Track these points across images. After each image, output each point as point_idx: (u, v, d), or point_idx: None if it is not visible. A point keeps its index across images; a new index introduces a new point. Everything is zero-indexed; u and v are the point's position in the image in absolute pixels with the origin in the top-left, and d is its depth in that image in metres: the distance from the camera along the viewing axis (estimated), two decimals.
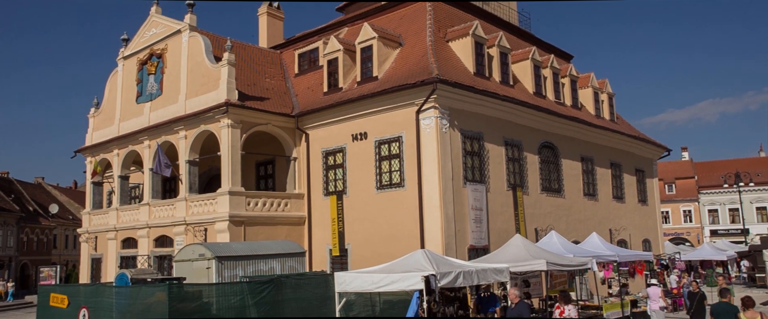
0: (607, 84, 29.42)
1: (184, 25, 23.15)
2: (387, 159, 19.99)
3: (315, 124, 22.20)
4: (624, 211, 28.30)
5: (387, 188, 19.90)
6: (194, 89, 22.41)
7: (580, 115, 25.89)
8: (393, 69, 21.06)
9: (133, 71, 25.60)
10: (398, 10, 24.25)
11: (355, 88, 21.52)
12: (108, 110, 27.10)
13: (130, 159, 25.99)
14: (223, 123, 20.91)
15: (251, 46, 26.56)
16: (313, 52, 25.46)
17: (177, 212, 22.28)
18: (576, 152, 25.33)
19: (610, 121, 28.80)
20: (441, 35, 21.93)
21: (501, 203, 20.74)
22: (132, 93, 25.56)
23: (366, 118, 20.60)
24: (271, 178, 24.22)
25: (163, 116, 23.34)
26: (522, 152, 22.16)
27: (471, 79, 20.41)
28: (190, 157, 22.30)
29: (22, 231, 53.44)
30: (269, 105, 22.34)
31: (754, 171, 59.48)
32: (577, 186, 25.08)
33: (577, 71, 27.67)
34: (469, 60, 21.24)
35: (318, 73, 24.17)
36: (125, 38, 26.31)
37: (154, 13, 24.89)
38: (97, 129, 27.53)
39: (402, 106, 19.53)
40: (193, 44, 22.84)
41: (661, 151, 32.30)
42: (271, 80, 24.86)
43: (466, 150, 19.69)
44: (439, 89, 18.40)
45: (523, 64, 24.01)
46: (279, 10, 30.18)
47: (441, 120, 18.79)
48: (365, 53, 21.69)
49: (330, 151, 21.81)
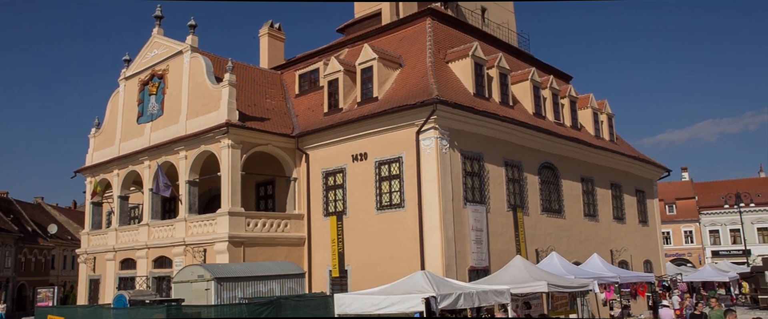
0: (607, 104, 29.52)
1: (185, 46, 23.30)
2: (387, 180, 19.98)
3: (315, 145, 22.22)
4: (625, 232, 28.22)
5: (387, 208, 19.85)
6: (195, 110, 22.47)
7: (579, 135, 25.94)
8: (393, 90, 21.14)
9: (135, 92, 25.69)
10: (398, 32, 24.42)
11: (355, 109, 21.59)
12: (109, 130, 27.14)
13: (130, 179, 25.96)
14: (224, 143, 20.94)
15: (252, 67, 26.69)
16: (313, 73, 25.59)
17: (176, 233, 22.20)
18: (576, 173, 25.32)
19: (610, 141, 28.84)
20: (441, 56, 22.06)
21: (501, 224, 20.68)
22: (133, 113, 25.63)
23: (366, 139, 20.63)
24: (271, 198, 24.18)
25: (164, 137, 23.37)
26: (522, 173, 22.16)
27: (471, 99, 20.49)
28: (190, 177, 22.28)
29: (20, 251, 53.19)
30: (270, 125, 22.39)
31: (755, 191, 59.43)
32: (577, 207, 25.04)
33: (577, 92, 27.79)
34: (469, 81, 21.33)
35: (318, 93, 24.26)
36: (127, 59, 26.45)
37: (155, 34, 25.06)
38: (97, 149, 27.55)
39: (402, 127, 19.57)
40: (194, 65, 22.96)
41: (661, 172, 32.30)
42: (272, 101, 24.94)
43: (466, 171, 19.69)
44: (439, 110, 18.46)
45: (523, 85, 24.12)
46: (280, 31, 30.40)
47: (441, 141, 18.81)
48: (365, 74, 21.80)
49: (330, 172, 21.80)
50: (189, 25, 23.30)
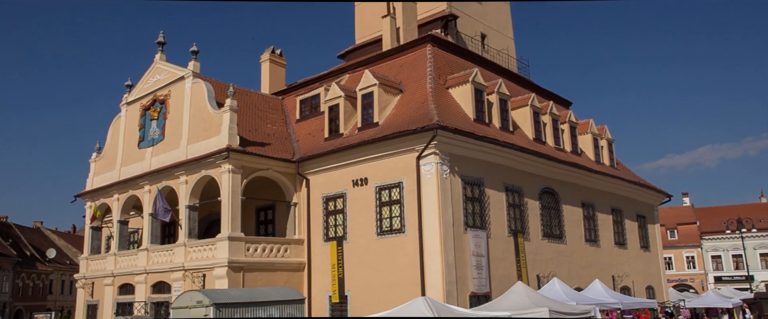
0: (606, 130, 29.61)
1: (187, 72, 23.48)
2: (387, 205, 19.95)
3: (315, 170, 22.25)
4: (626, 257, 28.08)
5: (387, 233, 19.79)
6: (196, 135, 22.55)
7: (580, 161, 25.97)
8: (394, 115, 21.23)
9: (136, 117, 25.81)
10: (399, 58, 24.61)
11: (355, 134, 21.66)
12: (109, 155, 27.20)
13: (130, 204, 25.93)
14: (224, 168, 20.96)
15: (253, 92, 26.85)
16: (314, 99, 25.73)
17: (175, 258, 22.10)
18: (577, 198, 25.29)
19: (610, 166, 28.86)
20: (441, 82, 22.20)
21: (502, 249, 20.59)
22: (134, 138, 25.71)
23: (366, 164, 20.66)
24: (271, 223, 24.12)
25: (165, 161, 23.42)
26: (522, 198, 22.14)
27: (471, 125, 20.56)
28: (190, 202, 22.26)
29: (18, 276, 52.89)
30: (270, 150, 22.44)
31: (756, 217, 59.23)
32: (578, 232, 24.96)
33: (576, 117, 27.90)
34: (469, 106, 21.44)
35: (319, 119, 24.37)
36: (129, 84, 26.62)
37: (158, 60, 25.26)
38: (98, 174, 27.57)
39: (402, 152, 19.61)
40: (196, 90, 23.10)
41: (662, 197, 32.26)
42: (273, 126, 25.04)
43: (467, 196, 19.67)
44: (440, 135, 18.51)
45: (523, 111, 24.23)
46: (281, 57, 30.65)
47: (441, 166, 18.84)
48: (366, 100, 21.92)
49: (330, 197, 21.79)
50: (191, 51, 23.53)
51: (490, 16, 31.42)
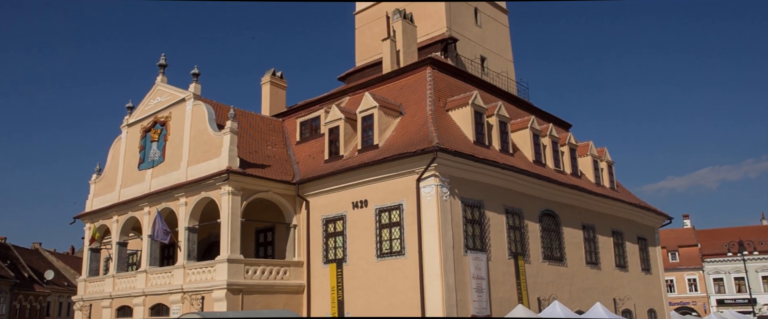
0: (606, 152, 29.64)
1: (188, 94, 23.59)
2: (387, 227, 19.91)
3: (315, 192, 22.23)
4: (627, 280, 27.91)
5: (387, 256, 19.72)
6: (196, 156, 22.59)
7: (580, 183, 25.96)
8: (394, 137, 21.29)
9: (137, 138, 25.87)
10: (399, 80, 24.75)
11: (355, 156, 21.69)
12: (109, 177, 27.21)
13: (130, 225, 25.88)
14: (224, 190, 20.95)
15: (254, 114, 26.95)
16: (314, 121, 25.81)
17: (174, 280, 21.98)
18: (577, 220, 25.23)
19: (611, 189, 28.84)
20: (441, 104, 22.30)
21: (502, 272, 20.49)
22: (134, 160, 25.75)
23: (366, 186, 20.66)
24: (270, 245, 24.04)
25: (165, 183, 23.42)
26: (523, 220, 22.09)
27: (471, 147, 20.60)
28: (190, 224, 22.21)
29: (15, 298, 52.51)
30: (270, 172, 22.46)
31: (758, 239, 59.08)
32: (579, 254, 24.85)
33: (576, 139, 27.94)
34: (469, 129, 21.50)
35: (319, 141, 24.42)
36: (130, 106, 26.73)
37: (159, 82, 25.40)
38: (97, 195, 27.56)
39: (402, 175, 19.62)
40: (196, 112, 23.20)
41: (662, 219, 32.18)
42: (273, 148, 25.09)
43: (467, 218, 19.64)
44: (440, 158, 18.54)
45: (523, 133, 24.28)
46: (282, 79, 30.81)
47: (441, 188, 18.83)
48: (366, 122, 21.99)
49: (330, 219, 21.75)
50: (192, 73, 23.67)
51: (489, 39, 31.67)
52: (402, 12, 26.68)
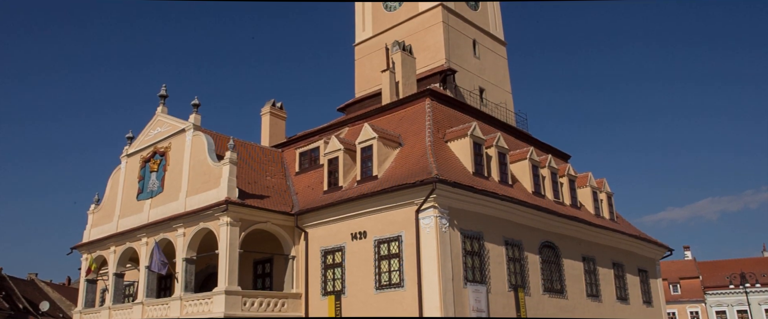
0: (606, 183, 29.62)
1: (188, 125, 23.68)
2: (386, 259, 19.77)
3: (314, 223, 22.14)
4: (629, 312, 27.60)
5: (386, 288, 19.54)
6: (195, 187, 22.56)
7: (579, 214, 25.88)
8: (393, 168, 21.30)
9: (136, 168, 25.87)
10: (398, 111, 24.88)
11: (354, 187, 21.67)
12: (108, 207, 27.12)
13: (127, 256, 25.70)
14: (223, 221, 20.87)
15: (253, 145, 27.01)
16: (314, 151, 25.86)
17: (171, 312, 21.72)
18: (577, 252, 25.08)
19: (610, 220, 28.74)
20: (440, 136, 22.37)
21: (502, 305, 20.28)
22: (133, 190, 25.70)
23: (365, 217, 20.58)
24: (268, 277, 23.83)
25: (163, 213, 23.34)
26: (522, 252, 21.95)
27: (470, 178, 20.60)
28: (188, 255, 22.06)
29: None
30: (269, 203, 22.40)
31: (760, 272, 58.69)
32: (579, 287, 24.64)
33: (575, 171, 27.95)
34: (468, 160, 21.53)
35: (318, 171, 24.42)
36: (130, 136, 26.79)
37: (159, 112, 25.50)
38: (95, 225, 27.42)
39: (401, 206, 19.57)
40: (196, 143, 23.25)
41: (663, 251, 31.99)
42: (272, 178, 25.08)
43: (466, 250, 19.52)
44: (439, 189, 18.52)
45: (522, 164, 24.31)
46: (282, 110, 30.96)
47: (440, 220, 18.76)
48: (365, 153, 22.03)
49: (329, 250, 21.62)
50: (192, 104, 23.79)
51: (488, 70, 31.95)
52: (401, 44, 26.98)
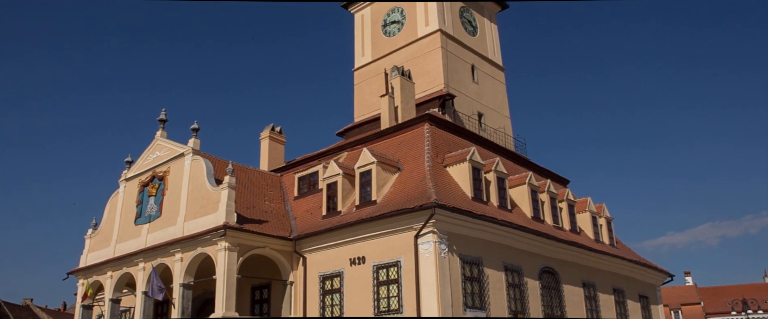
0: (605, 208, 29.55)
1: (187, 149, 23.68)
2: (385, 284, 19.61)
3: (313, 248, 22.02)
4: None
5: (385, 314, 19.34)
6: (194, 211, 22.47)
7: (579, 239, 25.77)
8: (391, 193, 21.25)
9: (134, 193, 25.80)
10: (397, 136, 24.91)
11: (353, 212, 21.59)
12: (105, 231, 26.97)
13: (124, 281, 25.49)
14: (221, 246, 20.75)
15: (252, 169, 26.99)
16: (312, 176, 25.82)
17: None
18: (577, 278, 24.90)
19: (610, 245, 28.60)
20: (439, 160, 22.36)
21: None
22: (131, 214, 25.59)
23: (364, 243, 20.48)
24: (266, 302, 23.61)
25: (161, 238, 23.21)
26: (522, 278, 21.79)
27: (469, 203, 20.54)
28: (185, 280, 21.88)
29: None
30: (267, 228, 22.30)
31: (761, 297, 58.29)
32: (580, 313, 24.39)
33: (574, 196, 27.90)
34: (467, 185, 21.49)
35: (317, 196, 24.36)
36: (129, 160, 26.76)
37: (159, 136, 25.51)
38: (92, 250, 27.25)
39: (400, 231, 19.48)
40: (195, 167, 23.23)
41: (664, 277, 31.77)
42: (271, 203, 25.00)
43: (466, 275, 19.38)
44: (438, 214, 18.45)
45: (521, 189, 24.27)
46: (281, 134, 30.98)
47: (439, 245, 18.67)
48: (364, 177, 22.00)
49: (327, 276, 21.45)
50: (192, 128, 23.83)
51: (486, 95, 32.10)
52: (400, 69, 27.13)
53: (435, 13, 30.78)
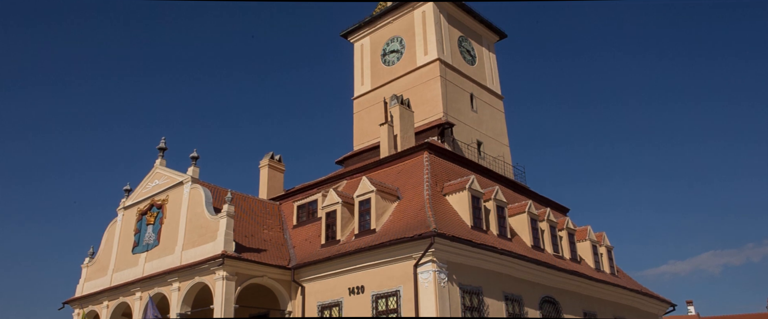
0: (605, 237, 29.39)
1: (186, 177, 23.65)
2: (384, 314, 19.39)
3: (311, 277, 21.84)
4: None
5: None
6: (192, 240, 22.34)
7: (579, 268, 25.58)
8: (391, 222, 21.16)
9: (132, 221, 25.69)
10: (396, 164, 24.91)
11: (352, 241, 21.47)
12: (102, 260, 26.78)
13: (120, 311, 25.21)
14: (219, 275, 20.58)
15: (251, 198, 26.92)
16: (312, 204, 25.75)
17: None
18: (578, 307, 24.65)
19: (611, 274, 28.38)
20: (438, 189, 22.32)
21: None
22: (129, 243, 25.44)
23: (363, 272, 20.32)
24: None
25: (158, 267, 23.03)
26: (523, 308, 21.57)
27: (469, 232, 20.44)
28: (182, 310, 21.65)
29: None
30: (266, 257, 22.15)
31: None
32: None
33: (574, 224, 27.78)
34: (467, 213, 21.42)
35: (316, 224, 24.26)
36: (128, 189, 26.71)
37: (158, 165, 25.50)
38: (89, 279, 27.02)
39: (400, 260, 19.35)
40: (194, 196, 23.17)
41: (665, 306, 31.46)
42: (269, 231, 24.88)
43: (465, 305, 19.18)
44: (437, 243, 18.35)
45: (520, 218, 24.17)
46: (280, 162, 30.98)
47: (439, 274, 18.52)
48: (363, 206, 21.93)
49: (326, 306, 21.23)
50: (191, 156, 23.85)
51: (485, 123, 32.20)
52: (399, 97, 27.26)
53: (434, 43, 31.08)
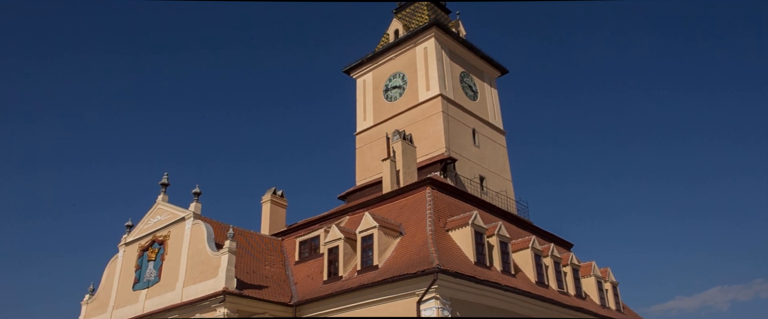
0: (610, 272, 29.10)
1: (188, 213, 23.60)
2: None
3: (313, 314, 21.57)
4: None
5: None
6: (193, 276, 22.17)
7: (584, 305, 25.26)
8: (393, 258, 21.01)
9: (134, 257, 25.53)
10: (399, 200, 24.85)
11: (355, 277, 21.29)
12: (102, 297, 26.52)
13: None
14: (220, 312, 20.35)
15: (253, 233, 26.79)
16: (314, 240, 25.61)
17: None
18: None
19: (617, 311, 28.01)
20: (441, 224, 22.22)
21: None
22: (129, 280, 25.23)
23: (366, 309, 20.07)
24: None
25: (159, 304, 22.80)
26: None
27: (472, 268, 20.27)
28: None
29: None
30: (267, 294, 21.94)
31: None
32: None
33: (578, 260, 27.55)
34: (470, 249, 21.27)
35: (318, 261, 24.09)
36: (129, 224, 26.62)
37: (160, 201, 25.48)
38: (89, 316, 26.68)
39: (403, 297, 19.14)
40: (195, 232, 23.08)
41: None
42: (271, 268, 24.69)
43: None
44: (440, 279, 18.18)
45: (524, 253, 23.99)
46: (282, 198, 30.91)
47: (443, 311, 18.29)
48: (366, 242, 21.80)
49: None
50: (193, 192, 23.85)
51: (487, 158, 32.24)
52: (402, 133, 27.36)
53: (436, 78, 31.35)
